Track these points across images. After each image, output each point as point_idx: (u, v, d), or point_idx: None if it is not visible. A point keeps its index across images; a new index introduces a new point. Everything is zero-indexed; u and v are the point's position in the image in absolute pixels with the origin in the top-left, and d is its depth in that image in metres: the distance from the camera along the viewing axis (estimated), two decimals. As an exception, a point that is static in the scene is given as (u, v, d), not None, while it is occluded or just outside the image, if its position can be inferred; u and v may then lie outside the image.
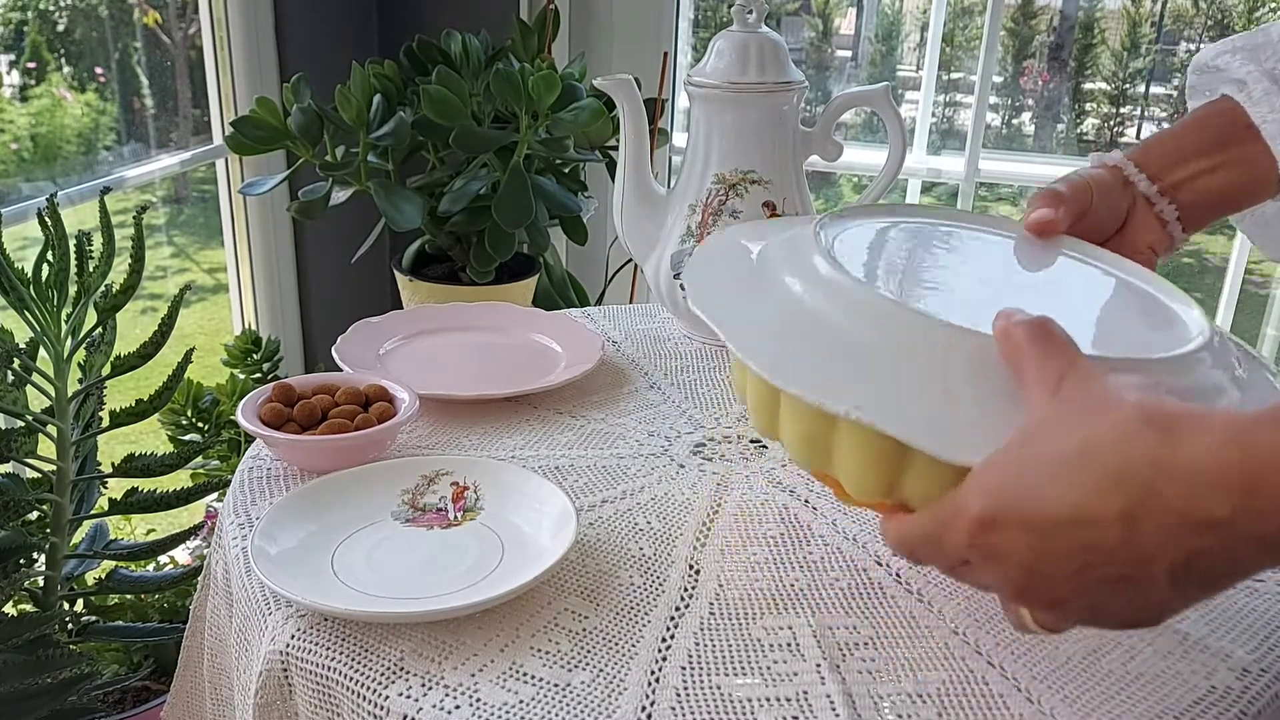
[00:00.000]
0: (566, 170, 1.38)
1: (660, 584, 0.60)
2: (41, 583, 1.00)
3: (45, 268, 0.90)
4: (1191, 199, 0.63)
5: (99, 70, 1.93)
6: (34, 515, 0.98)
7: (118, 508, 1.01)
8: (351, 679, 0.52)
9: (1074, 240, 0.60)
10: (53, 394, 0.93)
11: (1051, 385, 0.41)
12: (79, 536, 1.05)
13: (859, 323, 0.45)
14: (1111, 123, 4.32)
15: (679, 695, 0.51)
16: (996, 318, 0.43)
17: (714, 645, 0.55)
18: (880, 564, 0.63)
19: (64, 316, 0.92)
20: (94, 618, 1.08)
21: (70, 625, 1.05)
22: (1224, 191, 0.64)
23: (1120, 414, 0.38)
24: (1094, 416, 0.38)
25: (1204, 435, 0.36)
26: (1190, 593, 0.38)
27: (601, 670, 0.53)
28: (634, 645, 0.55)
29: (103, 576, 1.05)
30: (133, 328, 1.06)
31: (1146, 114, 4.32)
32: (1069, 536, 0.38)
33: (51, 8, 1.82)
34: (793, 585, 0.60)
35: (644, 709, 0.50)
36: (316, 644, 0.54)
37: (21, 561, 0.94)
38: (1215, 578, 0.37)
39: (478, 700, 0.50)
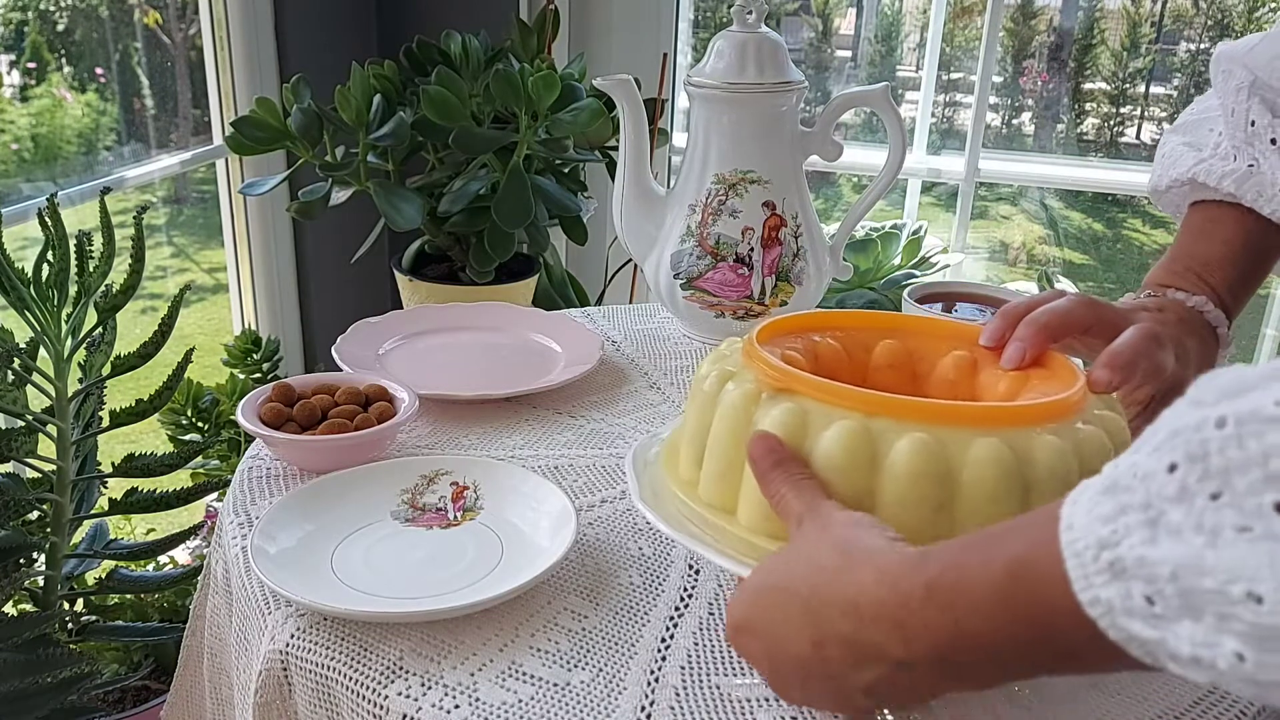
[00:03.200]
0: (566, 170, 1.38)
1: (660, 584, 0.60)
2: (41, 582, 1.00)
3: (45, 268, 0.90)
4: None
5: (99, 70, 1.93)
6: (34, 515, 0.98)
7: (118, 508, 1.01)
8: (351, 678, 0.52)
9: None
10: (53, 394, 0.93)
11: (795, 521, 0.47)
12: (79, 536, 1.05)
13: None
14: (1111, 123, 4.33)
15: (678, 695, 0.51)
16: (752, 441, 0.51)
17: (713, 645, 0.55)
18: (880, 564, 0.63)
19: (64, 316, 0.92)
20: (94, 617, 1.08)
21: (70, 625, 1.05)
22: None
23: (821, 546, 0.43)
24: (808, 553, 0.44)
25: (866, 572, 0.40)
26: (905, 698, 0.41)
27: (601, 670, 0.53)
28: (633, 645, 0.55)
29: (103, 576, 1.05)
30: (133, 328, 1.06)
31: (1146, 114, 4.32)
32: (785, 654, 0.43)
33: (51, 8, 1.82)
34: (792, 585, 0.60)
35: (643, 709, 0.50)
36: (316, 643, 0.54)
37: (21, 561, 0.94)
38: (908, 696, 0.40)
39: (477, 700, 0.50)
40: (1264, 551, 0.28)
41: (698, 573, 0.62)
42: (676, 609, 0.58)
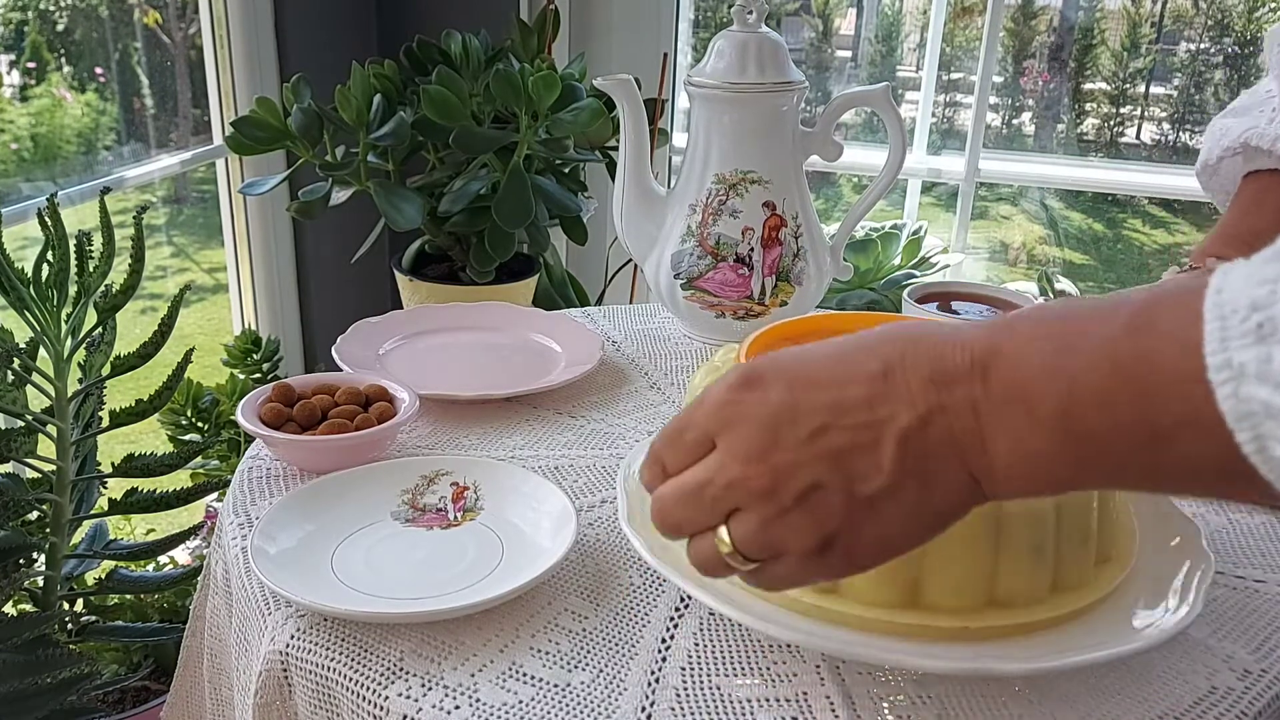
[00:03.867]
0: (566, 170, 1.38)
1: (660, 584, 0.60)
2: (41, 583, 1.00)
3: (45, 268, 0.90)
4: None
5: (99, 70, 1.93)
6: (34, 515, 0.98)
7: (118, 508, 1.01)
8: (351, 679, 0.52)
9: None
10: (53, 394, 0.93)
11: None
12: (79, 536, 1.05)
13: None
14: (1111, 123, 4.32)
15: (679, 695, 0.51)
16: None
17: (714, 645, 0.55)
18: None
19: (64, 316, 0.92)
20: (94, 618, 1.08)
21: (70, 625, 1.05)
22: None
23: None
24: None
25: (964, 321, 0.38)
26: (908, 485, 0.38)
27: (601, 670, 0.53)
28: (634, 645, 0.55)
29: (103, 576, 1.05)
30: (133, 328, 1.06)
31: (1146, 114, 4.32)
32: (821, 392, 0.39)
33: (51, 8, 1.82)
34: (793, 585, 0.60)
35: (644, 709, 0.50)
36: (316, 644, 0.54)
37: (21, 561, 0.94)
38: (938, 457, 0.37)
39: (477, 700, 0.50)
40: None
41: (698, 573, 0.61)
42: (677, 609, 0.58)
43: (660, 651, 0.54)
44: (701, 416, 0.42)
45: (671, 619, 0.57)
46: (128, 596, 1.11)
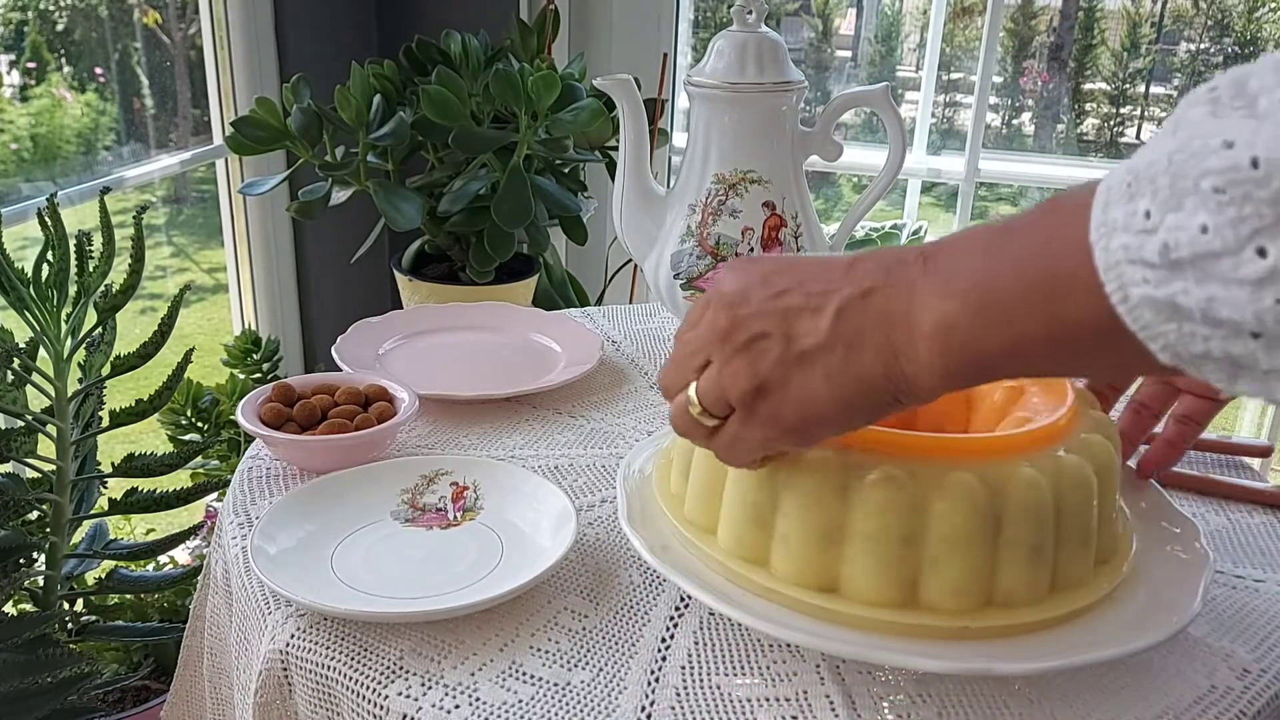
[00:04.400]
0: (566, 170, 1.38)
1: (660, 584, 0.60)
2: (41, 582, 1.00)
3: (45, 268, 0.90)
4: None
5: (99, 70, 1.93)
6: (34, 515, 0.98)
7: (118, 507, 1.01)
8: (351, 678, 0.52)
9: None
10: (53, 394, 0.93)
11: None
12: (79, 536, 1.05)
13: None
14: (1111, 123, 4.33)
15: (679, 695, 0.51)
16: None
17: (714, 645, 0.55)
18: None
19: (64, 316, 0.92)
20: (94, 617, 1.08)
21: (70, 625, 1.05)
22: None
23: None
24: None
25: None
26: (836, 350, 0.42)
27: (601, 670, 0.53)
28: (634, 645, 0.55)
29: (103, 576, 1.05)
30: (133, 328, 1.06)
31: (1146, 114, 4.32)
32: (797, 270, 0.45)
33: (51, 8, 1.82)
34: (792, 585, 0.60)
35: (644, 709, 0.50)
36: (316, 643, 0.54)
37: (21, 561, 0.94)
38: (869, 328, 0.42)
39: (477, 700, 0.50)
40: (1252, 124, 0.30)
41: (698, 573, 0.61)
42: (677, 609, 0.58)
43: (660, 651, 0.54)
44: (708, 293, 0.48)
45: (671, 619, 0.57)
46: (128, 596, 1.11)
